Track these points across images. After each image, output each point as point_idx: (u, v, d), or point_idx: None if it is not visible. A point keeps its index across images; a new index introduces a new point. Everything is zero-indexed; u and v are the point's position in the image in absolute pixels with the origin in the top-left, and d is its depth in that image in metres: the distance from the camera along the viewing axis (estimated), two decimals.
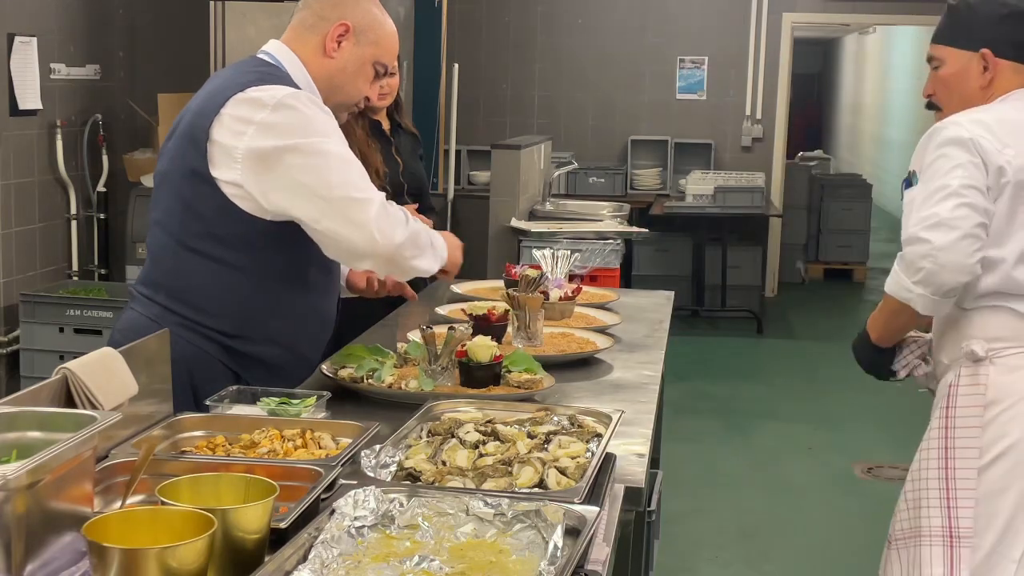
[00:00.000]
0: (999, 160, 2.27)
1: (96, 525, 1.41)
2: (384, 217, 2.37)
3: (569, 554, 1.55)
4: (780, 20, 8.05)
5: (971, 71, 2.41)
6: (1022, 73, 2.40)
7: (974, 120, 2.31)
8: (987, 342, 2.29)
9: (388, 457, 1.94)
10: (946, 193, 2.25)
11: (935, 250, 2.22)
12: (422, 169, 4.38)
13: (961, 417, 2.27)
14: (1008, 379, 2.27)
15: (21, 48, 5.84)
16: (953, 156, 2.27)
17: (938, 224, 2.23)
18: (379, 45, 2.47)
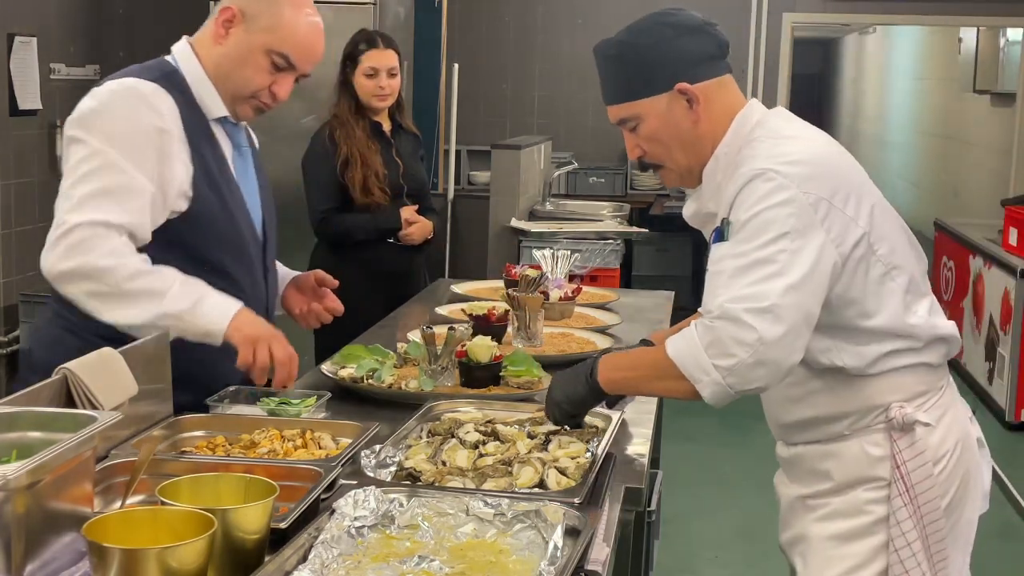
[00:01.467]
0: (848, 224, 1.92)
1: (96, 525, 1.41)
2: (62, 242, 2.13)
3: (569, 554, 1.55)
4: (780, 20, 8.04)
5: (676, 113, 1.99)
6: (726, 85, 2.03)
7: (804, 175, 1.89)
8: (908, 403, 1.98)
9: (388, 457, 1.94)
10: (779, 268, 1.84)
11: (760, 342, 1.81)
12: (423, 170, 4.38)
13: (922, 493, 1.96)
14: (937, 436, 2.00)
15: (21, 48, 5.83)
16: (788, 224, 1.85)
17: (767, 311, 1.82)
18: (274, 33, 2.28)
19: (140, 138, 2.21)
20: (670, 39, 1.99)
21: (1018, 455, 5.68)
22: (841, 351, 1.97)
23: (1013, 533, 4.78)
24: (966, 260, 6.99)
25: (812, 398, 2.02)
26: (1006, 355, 6.07)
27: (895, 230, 2.01)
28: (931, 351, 2.02)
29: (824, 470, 2.04)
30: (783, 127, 2.02)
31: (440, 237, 7.09)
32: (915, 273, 2.01)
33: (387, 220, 4.07)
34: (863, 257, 1.92)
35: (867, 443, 2.00)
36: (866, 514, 2.00)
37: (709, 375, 1.86)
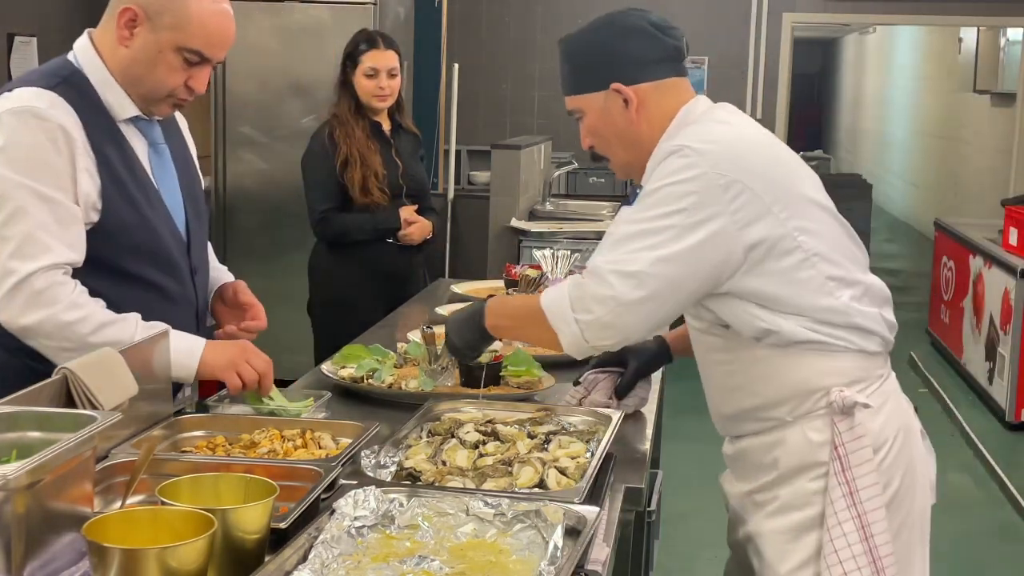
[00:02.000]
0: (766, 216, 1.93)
1: (96, 525, 1.41)
2: (17, 295, 2.06)
3: (569, 554, 1.55)
4: (780, 20, 8.04)
5: (612, 111, 2.06)
6: (663, 88, 2.06)
7: (720, 154, 1.93)
8: (847, 388, 1.97)
9: (388, 457, 1.94)
10: (661, 240, 1.91)
11: (616, 302, 1.91)
12: (423, 170, 4.37)
13: (860, 477, 1.96)
14: (878, 423, 2.00)
15: (21, 48, 5.84)
16: (686, 200, 1.91)
17: (632, 275, 1.90)
18: (181, 29, 2.13)
19: (55, 160, 2.10)
20: (612, 39, 2.06)
21: (1018, 455, 5.68)
22: (766, 321, 1.97)
23: (1013, 533, 4.78)
24: (966, 260, 6.99)
25: (751, 385, 2.04)
26: (1006, 355, 6.07)
27: (825, 222, 2.02)
28: (863, 338, 2.01)
29: (769, 461, 2.05)
30: (718, 114, 2.06)
31: (440, 237, 7.09)
32: (844, 264, 2.01)
33: (386, 220, 4.07)
34: (777, 242, 1.93)
35: (809, 429, 2.00)
36: (813, 505, 2.00)
37: (569, 327, 1.96)
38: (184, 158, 2.41)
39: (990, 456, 5.49)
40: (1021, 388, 5.98)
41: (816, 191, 2.04)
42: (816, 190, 2.04)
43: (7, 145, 2.09)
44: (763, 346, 1.99)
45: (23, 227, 2.06)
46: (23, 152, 2.09)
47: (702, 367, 2.16)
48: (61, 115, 2.12)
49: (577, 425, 2.15)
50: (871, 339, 2.02)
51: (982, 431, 5.92)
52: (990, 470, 5.39)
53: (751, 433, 2.08)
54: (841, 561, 1.94)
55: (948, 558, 4.48)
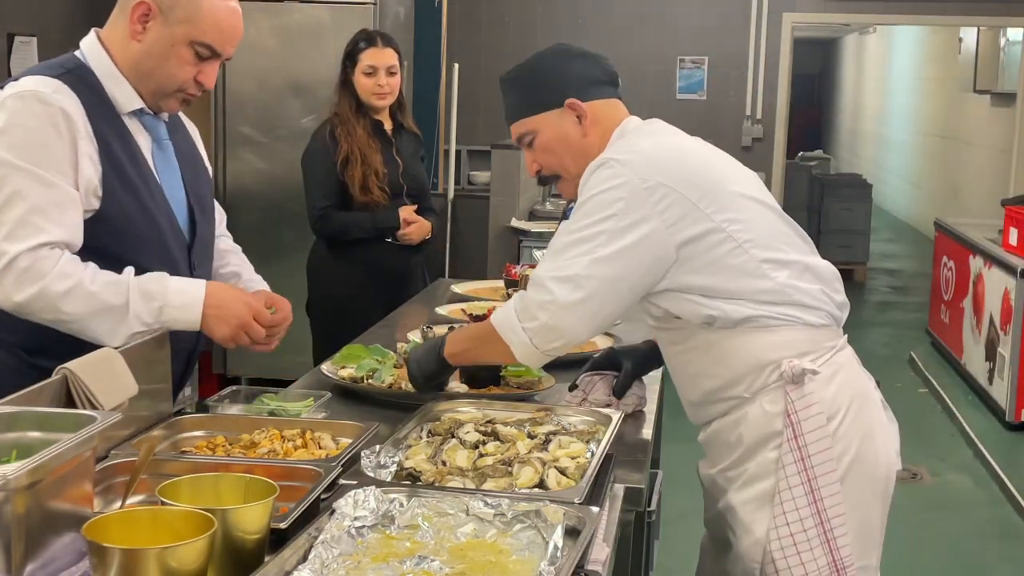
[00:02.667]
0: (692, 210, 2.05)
1: (96, 525, 1.41)
2: (7, 275, 2.06)
3: (569, 554, 1.55)
4: (780, 20, 8.04)
5: (566, 126, 2.21)
6: (612, 106, 2.25)
7: (643, 163, 2.07)
8: (798, 359, 2.07)
9: (388, 457, 1.94)
10: (594, 245, 2.04)
11: (556, 305, 2.05)
12: (423, 170, 4.37)
13: (812, 443, 2.05)
14: (831, 391, 2.09)
15: (21, 48, 5.84)
16: (615, 206, 2.04)
17: (569, 279, 2.04)
18: (194, 23, 2.17)
19: (55, 144, 2.11)
20: (562, 61, 2.25)
21: (1018, 455, 5.68)
22: (708, 307, 2.09)
23: (1013, 533, 4.77)
24: (966, 260, 6.99)
25: (709, 369, 2.15)
26: (1006, 355, 6.07)
27: (757, 212, 2.13)
28: (806, 312, 2.11)
29: (735, 439, 2.15)
30: (644, 129, 2.23)
31: (440, 237, 7.09)
32: (780, 247, 2.12)
33: (386, 219, 4.07)
34: (706, 235, 2.05)
35: (765, 402, 2.10)
36: (776, 472, 2.09)
37: (518, 336, 2.10)
38: (192, 158, 2.43)
39: (990, 456, 5.49)
40: (1021, 388, 5.98)
41: (749, 187, 2.16)
42: (749, 186, 2.17)
43: (8, 128, 2.10)
44: (713, 330, 2.11)
45: (18, 211, 2.07)
46: (23, 135, 2.10)
47: (666, 360, 2.28)
48: (64, 100, 2.13)
49: (577, 425, 2.16)
50: (815, 313, 2.12)
51: (982, 431, 5.92)
52: (990, 470, 5.39)
53: (718, 416, 2.18)
54: (789, 523, 2.06)
55: (948, 558, 4.48)
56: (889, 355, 7.60)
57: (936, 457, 5.60)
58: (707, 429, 2.23)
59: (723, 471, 2.18)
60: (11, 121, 2.11)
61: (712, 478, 2.23)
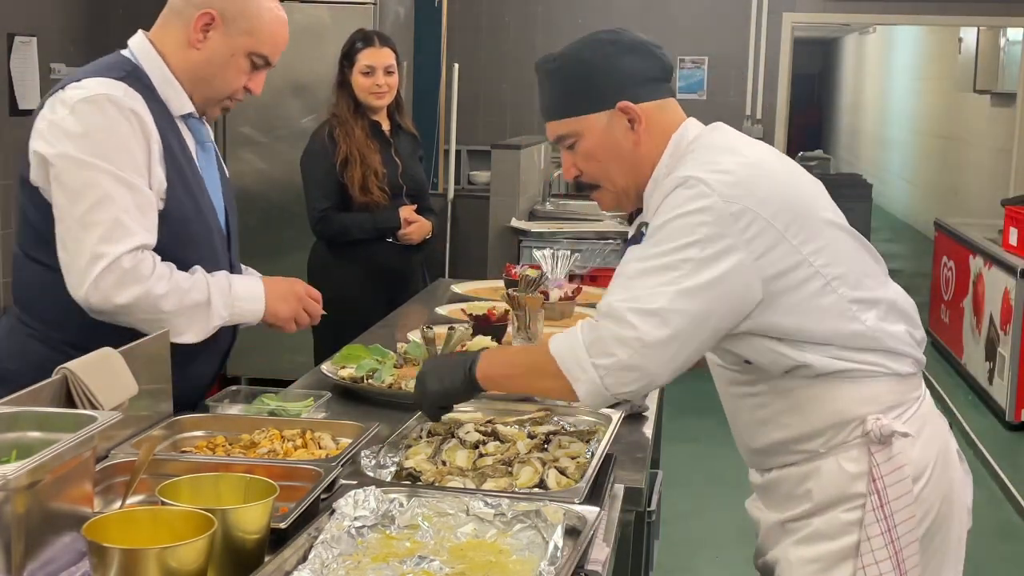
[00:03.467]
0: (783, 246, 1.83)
1: (96, 525, 1.41)
2: (108, 276, 2.12)
3: (569, 554, 1.55)
4: (780, 20, 8.04)
5: (616, 132, 1.94)
6: (667, 109, 1.97)
7: (729, 183, 1.82)
8: (883, 415, 1.87)
9: (388, 457, 1.94)
10: (678, 275, 1.79)
11: (640, 343, 1.78)
12: (422, 170, 4.37)
13: (899, 511, 1.86)
14: (917, 450, 1.90)
15: (21, 48, 5.84)
16: (699, 232, 1.79)
17: (654, 313, 1.78)
18: (254, 35, 2.27)
19: (134, 147, 2.17)
20: (613, 56, 1.94)
21: (1018, 455, 5.68)
22: (792, 356, 1.88)
23: (1013, 533, 4.77)
24: (966, 260, 6.99)
25: (781, 418, 1.94)
26: (1006, 355, 6.07)
27: (841, 240, 1.92)
28: (895, 360, 1.91)
29: (802, 492, 1.95)
30: (718, 140, 1.96)
31: (440, 237, 7.09)
32: (865, 283, 1.92)
33: (386, 219, 4.07)
34: (794, 270, 1.84)
35: (844, 460, 1.90)
36: (847, 535, 1.90)
37: (587, 373, 1.82)
38: (220, 160, 2.51)
39: (990, 456, 5.49)
40: (1021, 388, 5.98)
41: (829, 209, 1.96)
42: (829, 208, 1.96)
43: (88, 132, 2.15)
44: (793, 377, 1.90)
45: (110, 213, 2.13)
46: (103, 139, 2.15)
47: (725, 400, 2.06)
48: (135, 103, 2.20)
49: (577, 425, 2.15)
50: (903, 360, 1.93)
51: (982, 431, 5.92)
52: (990, 470, 5.39)
53: (782, 465, 1.99)
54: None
55: None
56: None
57: None
58: (766, 475, 2.03)
59: (783, 522, 1.99)
60: (88, 125, 2.15)
61: (769, 523, 2.04)
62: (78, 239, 2.13)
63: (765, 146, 2.00)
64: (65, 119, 2.16)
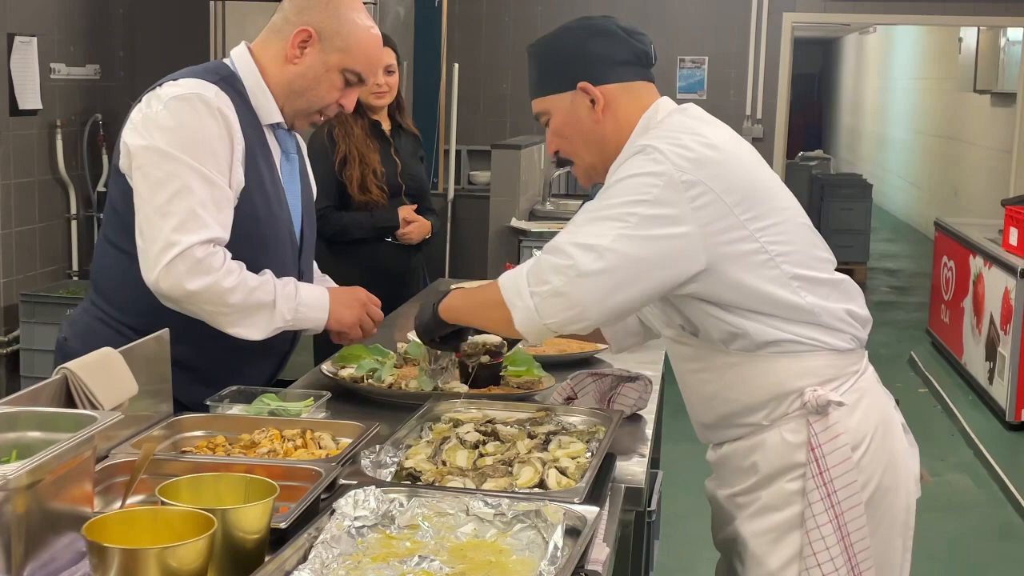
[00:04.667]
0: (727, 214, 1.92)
1: (96, 525, 1.41)
2: (180, 264, 2.19)
3: (569, 554, 1.55)
4: (780, 20, 8.04)
5: (579, 111, 2.06)
6: (628, 91, 2.07)
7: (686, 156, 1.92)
8: (821, 388, 1.96)
9: (388, 457, 1.94)
10: (622, 225, 1.89)
11: (575, 271, 1.88)
12: (422, 170, 4.37)
13: (839, 477, 1.94)
14: (855, 419, 1.98)
15: (21, 48, 5.83)
16: (650, 192, 1.89)
17: (592, 248, 1.88)
18: (349, 53, 2.36)
19: (217, 146, 2.27)
20: (581, 40, 2.08)
21: (1018, 455, 5.68)
22: (732, 324, 1.96)
23: (1013, 533, 4.77)
24: (966, 260, 6.99)
25: (726, 393, 2.04)
26: (1006, 355, 6.07)
27: (790, 222, 2.00)
28: (833, 336, 1.99)
29: (749, 465, 2.05)
30: (683, 121, 2.04)
31: (440, 237, 7.09)
32: (810, 263, 2.00)
33: (385, 219, 4.06)
34: (739, 243, 1.92)
35: (786, 431, 1.99)
36: (793, 505, 1.99)
37: (523, 300, 1.93)
38: (305, 173, 2.64)
39: (990, 456, 5.49)
40: (1021, 388, 5.98)
41: (784, 195, 2.04)
42: (784, 195, 2.05)
43: (176, 127, 2.24)
44: (733, 352, 1.99)
45: (187, 204, 2.20)
46: (191, 134, 2.25)
47: (679, 376, 2.16)
48: (224, 104, 2.29)
49: (577, 425, 2.15)
50: (841, 336, 2.01)
51: (982, 431, 5.92)
52: (990, 470, 5.39)
53: (731, 439, 2.08)
54: (820, 563, 1.95)
55: (948, 558, 4.48)
56: (889, 355, 7.59)
57: (936, 457, 5.59)
58: (718, 450, 2.14)
59: (733, 496, 2.10)
60: (178, 120, 2.25)
61: (721, 500, 2.15)
62: (155, 226, 2.21)
63: (731, 133, 2.07)
64: (158, 113, 2.26)
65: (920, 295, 9.30)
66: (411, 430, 2.09)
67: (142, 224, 2.24)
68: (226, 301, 2.24)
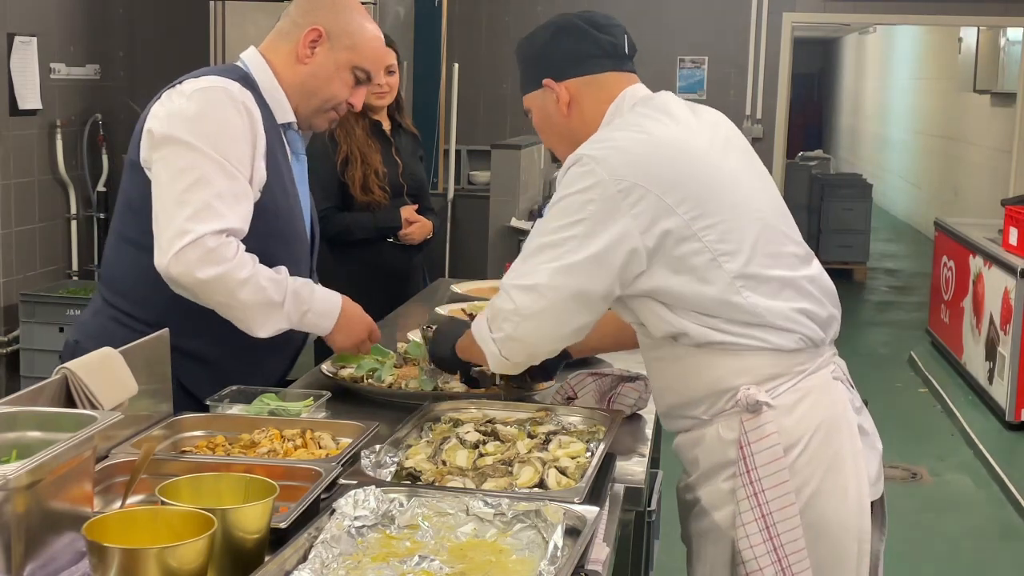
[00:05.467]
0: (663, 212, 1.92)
1: (96, 525, 1.41)
2: (191, 251, 2.19)
3: (569, 554, 1.55)
4: (780, 20, 8.04)
5: (548, 107, 2.11)
6: (594, 84, 2.08)
7: (620, 161, 1.93)
8: (758, 386, 1.95)
9: (388, 457, 1.94)
10: (560, 252, 1.93)
11: (519, 316, 1.96)
12: (422, 170, 4.37)
13: (767, 476, 1.93)
14: (792, 420, 1.96)
15: (21, 48, 5.83)
16: (585, 210, 1.92)
17: (532, 288, 1.95)
18: (356, 51, 2.42)
19: (239, 139, 2.29)
20: (545, 39, 2.12)
21: (1018, 455, 5.68)
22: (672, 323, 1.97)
23: (1013, 533, 4.78)
24: (966, 260, 6.99)
25: (673, 384, 2.05)
26: (1006, 355, 6.07)
27: (743, 217, 1.97)
28: (778, 336, 1.97)
29: (692, 458, 2.06)
30: (636, 118, 2.02)
31: (440, 237, 7.09)
32: (759, 259, 1.97)
33: (387, 219, 4.06)
34: (680, 242, 1.92)
35: (722, 427, 2.00)
36: (727, 505, 2.00)
37: (488, 346, 2.03)
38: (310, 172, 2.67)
39: (990, 456, 5.49)
40: (1021, 388, 5.98)
41: (740, 186, 2.00)
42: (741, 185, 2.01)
43: (198, 117, 2.27)
44: (680, 345, 1.99)
45: (204, 195, 2.22)
46: (214, 126, 2.27)
47: (645, 363, 2.17)
48: (247, 100, 2.33)
49: (577, 425, 2.15)
50: (787, 336, 1.98)
51: (982, 431, 5.92)
52: (990, 470, 5.39)
53: (682, 430, 2.09)
54: (744, 562, 1.94)
55: (948, 558, 4.48)
56: (889, 355, 7.60)
57: (936, 457, 5.60)
58: (676, 439, 2.13)
59: (684, 488, 2.10)
60: (202, 111, 2.27)
61: (678, 490, 2.14)
62: (171, 215, 2.22)
63: (687, 124, 2.03)
64: (182, 104, 2.28)
65: (920, 295, 9.30)
66: (411, 430, 2.09)
67: (158, 212, 2.25)
68: (235, 295, 2.24)
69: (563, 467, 1.90)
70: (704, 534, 2.04)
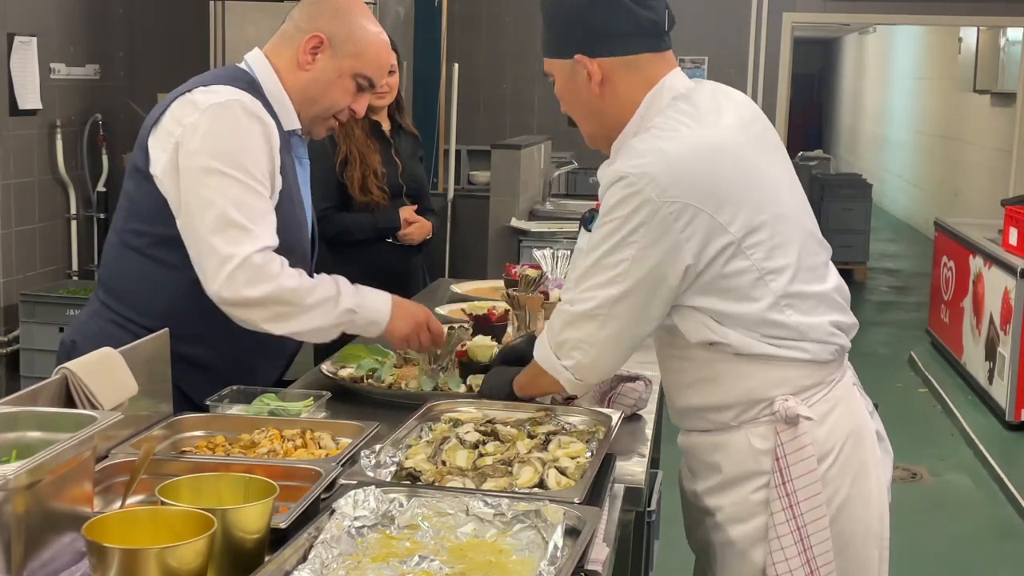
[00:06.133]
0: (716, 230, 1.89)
1: (96, 525, 1.41)
2: (240, 274, 2.21)
3: (569, 554, 1.55)
4: (780, 20, 8.04)
5: (578, 81, 1.99)
6: (631, 66, 1.97)
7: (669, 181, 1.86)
8: (792, 397, 1.94)
9: (388, 457, 1.94)
10: (613, 276, 1.92)
11: (588, 344, 1.98)
12: (422, 170, 4.37)
13: (802, 488, 1.92)
14: (824, 430, 1.96)
15: (21, 48, 5.83)
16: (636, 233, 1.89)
17: (593, 316, 1.95)
18: (359, 58, 2.39)
19: (260, 156, 2.28)
20: (580, 8, 1.97)
21: (1018, 455, 5.68)
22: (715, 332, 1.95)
23: (1013, 533, 4.78)
24: (966, 260, 6.99)
25: (701, 385, 2.03)
26: (1006, 355, 6.07)
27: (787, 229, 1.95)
28: (817, 347, 1.97)
29: (712, 463, 2.04)
30: (672, 120, 1.95)
31: (440, 237, 7.09)
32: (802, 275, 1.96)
33: (386, 219, 4.06)
34: (729, 260, 1.90)
35: (753, 435, 1.98)
36: (757, 516, 1.98)
37: (561, 374, 2.05)
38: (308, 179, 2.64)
39: (990, 456, 5.49)
40: (1021, 388, 5.98)
41: (779, 190, 1.98)
42: (779, 188, 1.99)
43: (221, 137, 2.25)
44: (717, 351, 1.97)
45: (237, 217, 2.22)
46: (236, 146, 2.26)
47: (659, 358, 2.15)
48: (260, 111, 2.31)
49: (577, 425, 2.15)
50: (824, 348, 1.98)
51: (982, 431, 5.92)
52: (990, 470, 5.39)
53: (699, 430, 2.08)
54: (778, 575, 1.93)
55: (948, 558, 4.48)
56: (889, 355, 7.60)
57: (936, 457, 5.60)
58: (687, 437, 2.12)
59: (700, 494, 2.08)
60: (222, 130, 2.25)
61: (689, 496, 2.13)
62: (210, 243, 2.21)
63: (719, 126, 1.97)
64: (199, 123, 2.25)
65: (920, 295, 9.30)
66: (411, 430, 2.09)
67: (194, 241, 2.24)
68: (302, 301, 2.26)
69: (563, 467, 1.90)
70: (729, 544, 2.02)
